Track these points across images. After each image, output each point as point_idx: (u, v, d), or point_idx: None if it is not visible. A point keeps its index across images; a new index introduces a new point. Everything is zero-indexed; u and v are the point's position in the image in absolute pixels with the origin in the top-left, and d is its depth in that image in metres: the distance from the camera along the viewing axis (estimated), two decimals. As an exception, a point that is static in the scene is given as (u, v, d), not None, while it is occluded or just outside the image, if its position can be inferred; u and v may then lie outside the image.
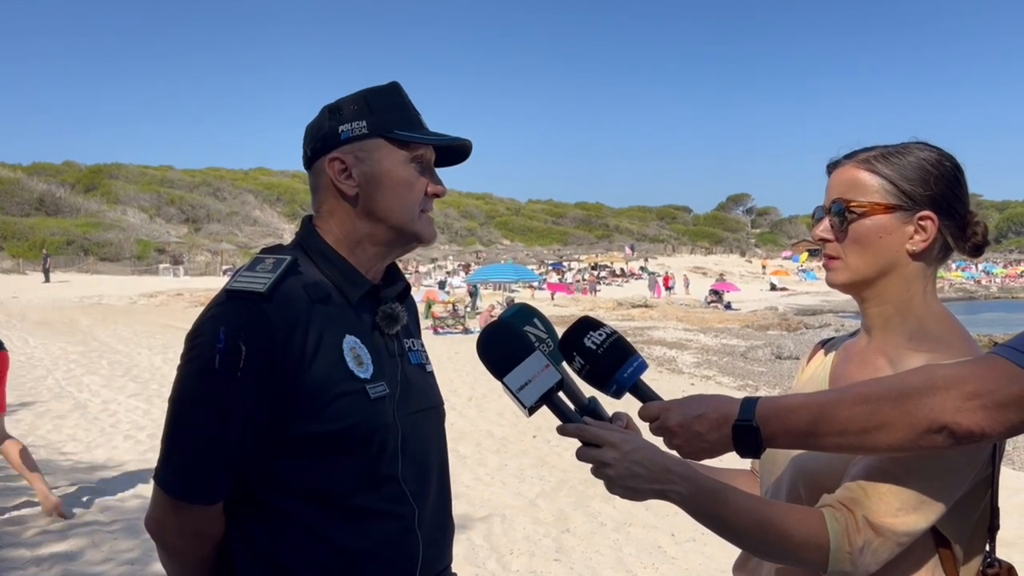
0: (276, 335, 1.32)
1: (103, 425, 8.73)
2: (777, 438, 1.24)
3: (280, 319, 1.33)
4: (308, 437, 1.35)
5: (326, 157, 1.47)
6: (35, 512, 5.51)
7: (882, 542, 1.22)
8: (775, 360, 18.87)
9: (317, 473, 1.36)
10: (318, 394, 1.35)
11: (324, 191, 1.49)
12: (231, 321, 1.32)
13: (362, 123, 1.45)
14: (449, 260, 62.30)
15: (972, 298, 52.44)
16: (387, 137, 1.45)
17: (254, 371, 1.31)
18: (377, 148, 1.45)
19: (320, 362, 1.35)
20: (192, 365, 1.35)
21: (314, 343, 1.35)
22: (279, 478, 1.37)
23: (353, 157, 1.45)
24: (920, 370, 1.21)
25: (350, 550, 1.38)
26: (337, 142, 1.46)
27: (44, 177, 69.11)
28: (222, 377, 1.31)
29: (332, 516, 1.37)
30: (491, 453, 7.92)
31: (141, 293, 33.85)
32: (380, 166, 1.45)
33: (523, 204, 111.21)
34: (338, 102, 1.49)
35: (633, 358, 1.35)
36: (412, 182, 1.47)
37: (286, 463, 1.36)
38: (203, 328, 1.35)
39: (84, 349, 15.67)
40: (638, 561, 5.07)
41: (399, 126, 1.46)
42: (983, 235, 1.38)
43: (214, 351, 1.31)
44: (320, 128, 1.48)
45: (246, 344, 1.30)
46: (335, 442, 1.36)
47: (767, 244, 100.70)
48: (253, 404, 1.32)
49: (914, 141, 1.39)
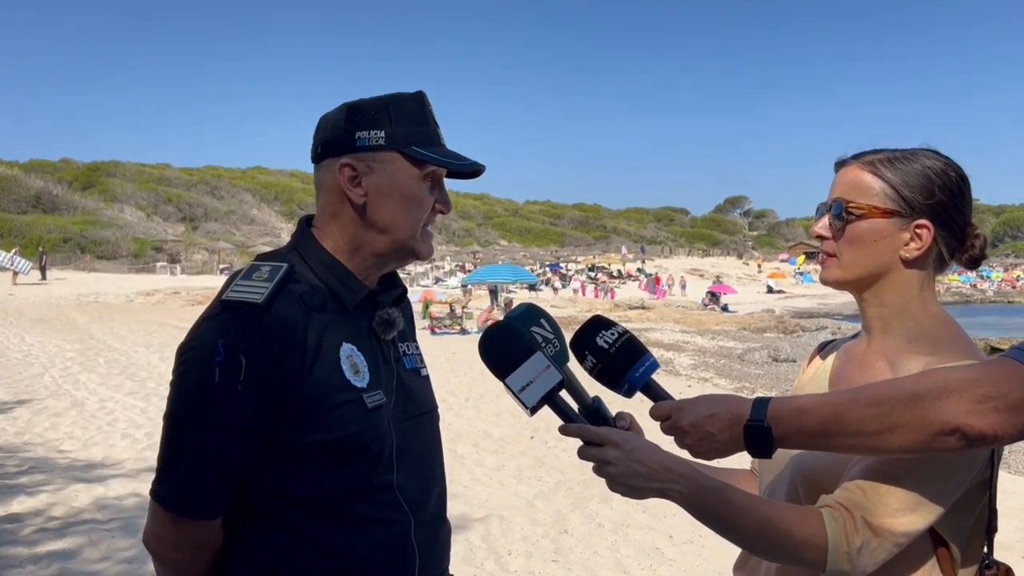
0: (275, 346, 1.31)
1: (100, 423, 8.73)
2: (789, 438, 1.25)
3: (278, 329, 1.31)
4: (305, 446, 1.35)
5: (338, 160, 1.44)
6: (32, 510, 5.51)
7: (880, 543, 1.23)
8: (771, 363, 18.89)
9: (313, 481, 1.36)
10: (316, 404, 1.34)
11: (330, 192, 1.47)
12: (229, 333, 1.30)
13: (380, 133, 1.42)
14: (446, 261, 62.25)
15: (968, 302, 52.51)
16: (403, 152, 1.43)
17: (254, 383, 1.30)
18: (391, 161, 1.43)
19: (318, 372, 1.35)
20: (190, 379, 1.33)
21: (312, 353, 1.34)
22: (276, 487, 1.37)
23: (365, 166, 1.43)
24: (933, 372, 1.22)
25: (346, 558, 1.38)
26: (351, 147, 1.43)
27: (41, 174, 68.91)
28: (222, 390, 1.29)
29: (328, 524, 1.37)
30: (489, 454, 7.93)
31: (138, 291, 33.79)
32: (391, 179, 1.43)
33: (520, 205, 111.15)
34: (359, 104, 1.46)
35: (645, 357, 1.36)
36: (421, 199, 1.46)
37: (283, 472, 1.36)
38: (198, 340, 1.33)
39: (81, 347, 15.65)
40: (636, 562, 5.08)
41: (417, 142, 1.44)
42: (981, 249, 1.39)
43: (213, 364, 1.29)
44: (336, 127, 1.45)
45: (245, 356, 1.29)
46: (332, 451, 1.36)
47: (764, 247, 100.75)
48: (253, 416, 1.31)
49: (923, 148, 1.40)
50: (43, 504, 5.70)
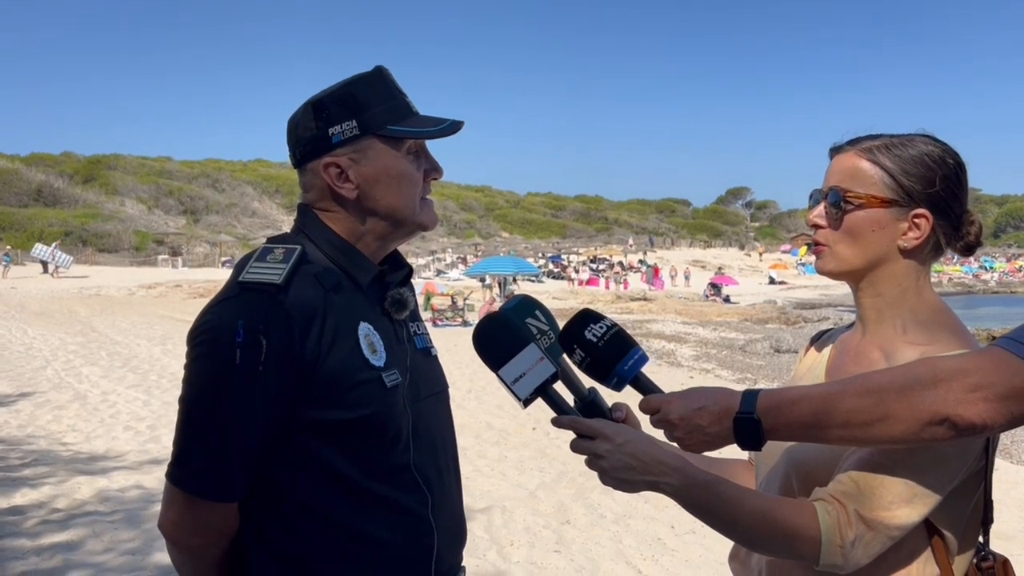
0: (294, 326, 1.30)
1: (103, 416, 8.75)
2: (779, 430, 1.25)
3: (297, 310, 1.31)
4: (325, 426, 1.34)
5: (319, 161, 1.43)
6: (35, 502, 5.53)
7: (874, 536, 1.22)
8: (774, 354, 18.88)
9: (330, 462, 1.36)
10: (336, 383, 1.34)
11: (319, 192, 1.46)
12: (249, 314, 1.29)
13: (352, 123, 1.41)
14: (448, 252, 62.22)
15: (970, 292, 52.44)
16: (379, 135, 1.42)
17: (275, 364, 1.29)
18: (371, 147, 1.42)
19: (337, 351, 1.34)
20: (208, 361, 1.32)
21: (331, 332, 1.34)
22: (294, 469, 1.36)
23: (348, 160, 1.42)
24: (923, 362, 1.21)
25: (364, 539, 1.38)
26: (329, 146, 1.42)
27: (42, 168, 68.95)
28: (243, 371, 1.28)
29: (345, 505, 1.37)
30: (491, 445, 7.94)
31: (140, 284, 33.81)
32: (377, 165, 1.43)
33: (522, 197, 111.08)
34: (321, 98, 1.43)
35: (634, 351, 1.35)
36: (411, 174, 1.45)
37: (301, 453, 1.35)
38: (216, 322, 1.32)
39: (83, 340, 15.67)
40: (638, 553, 5.09)
41: (390, 120, 1.42)
42: (976, 235, 1.37)
43: (233, 345, 1.27)
44: (306, 129, 1.44)
45: (266, 337, 1.28)
46: (351, 431, 1.35)
47: (766, 238, 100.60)
48: (273, 397, 1.31)
49: (919, 133, 1.37)
50: (46, 496, 5.71)
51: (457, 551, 1.54)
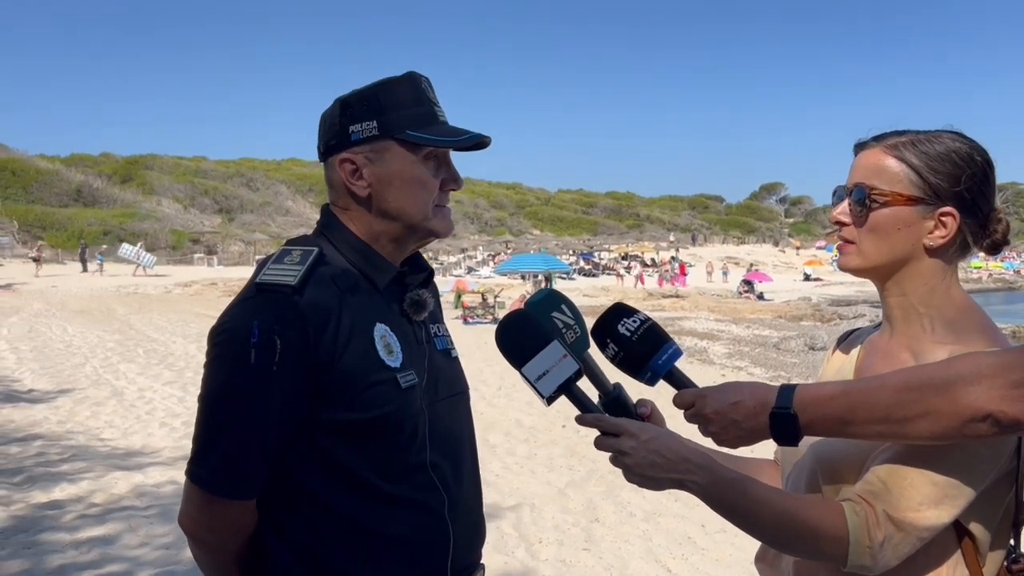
0: (309, 327, 1.32)
1: (139, 412, 8.90)
2: (815, 425, 1.23)
3: (312, 311, 1.33)
4: (339, 426, 1.36)
5: (337, 156, 1.46)
6: (73, 497, 5.63)
7: (903, 537, 1.20)
8: (808, 351, 18.68)
9: (347, 461, 1.38)
10: (351, 384, 1.36)
11: (338, 188, 1.49)
12: (264, 315, 1.32)
13: (372, 123, 1.43)
14: (479, 250, 62.33)
15: (1012, 289, 51.39)
16: (397, 139, 1.43)
17: (289, 364, 1.31)
18: (387, 149, 1.44)
19: (352, 352, 1.36)
20: (224, 361, 1.34)
21: (346, 333, 1.36)
22: (311, 467, 1.38)
23: (363, 158, 1.44)
24: (964, 358, 1.19)
25: (380, 536, 1.39)
26: (348, 142, 1.44)
27: (82, 168, 70.10)
28: (258, 372, 1.30)
29: (362, 503, 1.38)
30: (520, 442, 7.95)
31: (176, 282, 34.32)
32: (390, 167, 1.44)
33: (553, 194, 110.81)
34: (349, 97, 1.47)
35: (668, 345, 1.34)
36: (425, 181, 1.46)
37: (318, 452, 1.37)
38: (232, 323, 1.35)
39: (121, 337, 15.94)
40: (667, 551, 5.07)
41: (411, 125, 1.43)
42: (1004, 234, 1.34)
43: (248, 346, 1.30)
44: (332, 124, 1.47)
45: (280, 337, 1.31)
46: (366, 431, 1.37)
47: (801, 234, 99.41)
48: (288, 397, 1.33)
49: (947, 130, 1.34)
50: (84, 491, 5.82)
51: (475, 550, 1.55)
